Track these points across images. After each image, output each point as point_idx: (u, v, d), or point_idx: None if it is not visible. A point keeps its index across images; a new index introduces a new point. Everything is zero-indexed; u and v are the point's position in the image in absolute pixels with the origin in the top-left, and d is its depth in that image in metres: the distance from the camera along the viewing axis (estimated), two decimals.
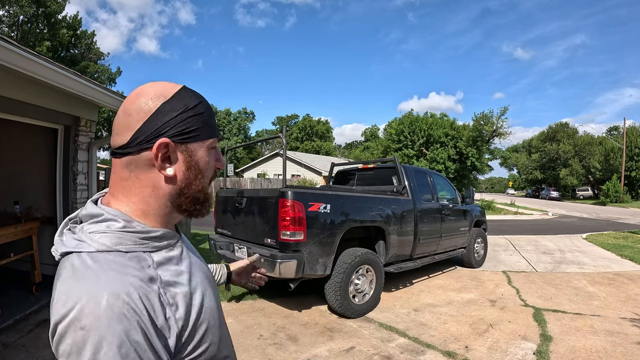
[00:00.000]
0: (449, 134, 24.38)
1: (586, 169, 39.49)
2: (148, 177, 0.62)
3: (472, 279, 5.72)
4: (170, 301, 0.58)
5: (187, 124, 0.63)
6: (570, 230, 12.52)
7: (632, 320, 3.89)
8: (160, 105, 0.62)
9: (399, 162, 5.17)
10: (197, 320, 0.62)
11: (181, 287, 0.61)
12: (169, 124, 0.61)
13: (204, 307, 0.64)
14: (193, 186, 0.65)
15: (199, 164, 0.65)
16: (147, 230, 0.62)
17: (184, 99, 0.64)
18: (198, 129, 0.64)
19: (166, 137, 0.61)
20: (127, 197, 0.63)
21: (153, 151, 0.60)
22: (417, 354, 3.13)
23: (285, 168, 3.86)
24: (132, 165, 0.62)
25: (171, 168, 0.63)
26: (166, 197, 0.64)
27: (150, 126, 0.61)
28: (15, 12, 23.47)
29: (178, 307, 0.59)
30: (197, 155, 0.65)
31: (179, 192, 0.64)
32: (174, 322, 0.57)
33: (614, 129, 56.89)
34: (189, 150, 0.64)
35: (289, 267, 3.54)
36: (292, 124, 58.35)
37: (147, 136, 0.60)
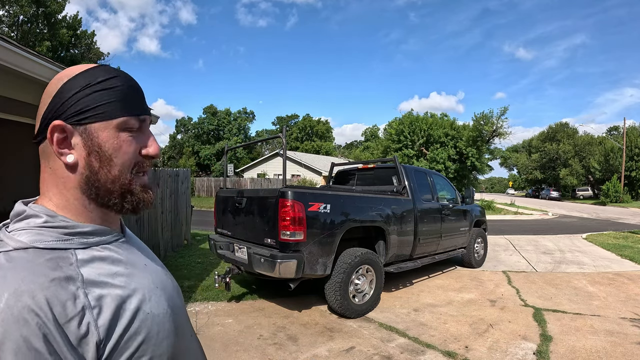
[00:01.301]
0: (449, 134, 24.38)
1: (586, 169, 39.49)
2: (59, 166, 0.56)
3: (472, 279, 5.72)
4: (92, 304, 0.50)
5: (87, 101, 0.55)
6: (570, 230, 12.52)
7: (632, 320, 3.89)
8: (62, 85, 0.55)
9: (399, 162, 5.17)
10: (129, 328, 0.52)
11: (111, 288, 0.53)
12: (67, 104, 0.55)
13: (142, 313, 0.55)
14: (100, 175, 0.56)
15: (102, 147, 0.56)
16: (72, 225, 0.55)
17: (90, 76, 0.56)
18: (101, 106, 0.56)
19: (61, 118, 0.54)
20: (48, 191, 0.57)
21: (48, 136, 0.54)
22: (417, 354, 3.12)
23: (285, 168, 3.86)
24: (44, 155, 0.57)
25: (71, 154, 0.55)
26: (77, 188, 0.57)
27: (51, 108, 0.55)
28: (15, 12, 23.47)
29: (102, 311, 0.50)
30: (100, 138, 0.56)
31: (86, 182, 0.56)
32: (94, 328, 0.49)
33: (614, 129, 56.89)
34: (88, 131, 0.55)
35: (289, 267, 3.54)
36: (292, 124, 58.34)
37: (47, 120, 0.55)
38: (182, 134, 52.24)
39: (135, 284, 0.57)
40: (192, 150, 47.94)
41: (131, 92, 0.59)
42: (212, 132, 48.41)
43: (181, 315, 0.64)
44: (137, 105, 0.60)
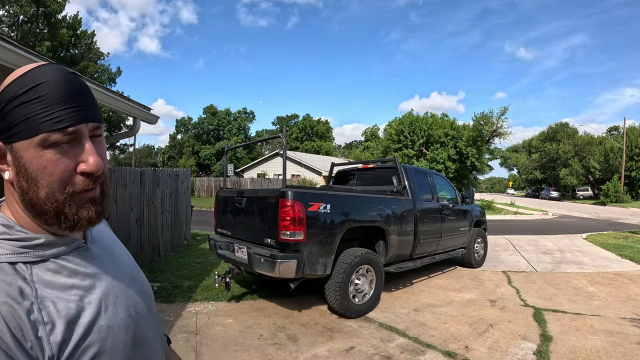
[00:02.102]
0: (449, 134, 24.37)
1: (586, 169, 39.48)
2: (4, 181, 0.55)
3: (472, 279, 5.72)
4: (45, 319, 0.49)
5: (10, 117, 0.51)
6: (570, 230, 12.52)
7: (632, 320, 3.89)
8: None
9: (399, 162, 5.17)
10: (82, 343, 0.52)
11: (65, 302, 0.52)
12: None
13: (97, 326, 0.54)
14: (30, 195, 0.53)
15: (26, 167, 0.52)
16: (27, 238, 0.54)
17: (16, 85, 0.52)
18: (21, 123, 0.51)
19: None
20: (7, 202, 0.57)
21: None
22: (417, 354, 3.12)
23: (285, 168, 3.86)
24: None
25: (7, 172, 0.54)
26: (20, 202, 0.55)
27: None
28: (15, 12, 23.47)
29: (55, 326, 0.50)
30: (25, 157, 0.52)
31: (22, 199, 0.54)
32: (46, 343, 0.49)
33: (614, 129, 56.88)
34: (16, 150, 0.52)
35: (289, 267, 3.54)
36: (292, 124, 58.33)
37: None
38: (182, 134, 52.24)
39: (90, 297, 0.56)
40: (192, 150, 47.94)
41: (60, 100, 0.52)
42: (212, 132, 48.41)
43: (144, 321, 0.64)
44: (65, 116, 0.52)
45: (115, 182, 5.42)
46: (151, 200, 6.42)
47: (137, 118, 4.46)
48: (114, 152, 43.23)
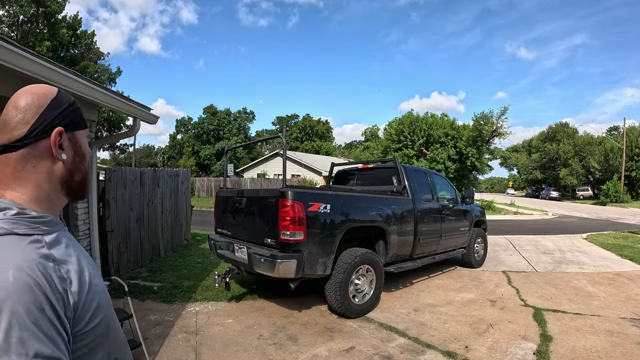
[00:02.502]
0: (449, 134, 24.36)
1: (586, 169, 39.48)
2: (44, 164, 0.71)
3: (472, 279, 5.72)
4: (65, 276, 0.64)
5: (72, 115, 0.75)
6: (570, 230, 12.52)
7: (632, 320, 3.89)
8: (50, 102, 0.72)
9: (399, 162, 5.17)
10: (89, 295, 0.68)
11: (72, 265, 0.67)
12: (60, 116, 0.72)
13: (93, 284, 0.70)
14: (80, 168, 0.77)
15: (82, 148, 0.77)
16: (38, 216, 0.68)
17: (65, 97, 0.75)
18: (81, 120, 0.77)
19: (60, 126, 0.72)
20: (21, 187, 0.69)
21: (52, 139, 0.70)
22: (417, 354, 3.12)
23: (285, 168, 3.86)
24: (28, 156, 0.69)
25: (64, 153, 0.73)
26: (58, 180, 0.73)
27: (44, 118, 0.70)
28: (15, 12, 23.46)
29: (72, 281, 0.65)
30: (81, 141, 0.77)
31: (69, 174, 0.74)
32: (70, 294, 0.63)
33: (614, 129, 56.87)
34: (76, 137, 0.76)
35: (289, 267, 3.54)
36: (292, 124, 58.32)
37: (44, 127, 0.70)
38: (182, 134, 52.23)
39: (83, 263, 0.71)
40: (192, 150, 47.93)
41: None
42: (212, 132, 48.40)
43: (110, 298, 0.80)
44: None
45: (115, 182, 5.42)
46: (151, 200, 6.42)
47: (137, 118, 4.46)
48: (114, 152, 43.20)
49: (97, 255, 4.65)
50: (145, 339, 3.10)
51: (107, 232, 5.15)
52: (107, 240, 5.15)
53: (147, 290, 4.70)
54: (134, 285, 4.83)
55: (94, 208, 4.58)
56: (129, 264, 5.67)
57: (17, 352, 0.54)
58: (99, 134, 24.65)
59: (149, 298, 4.41)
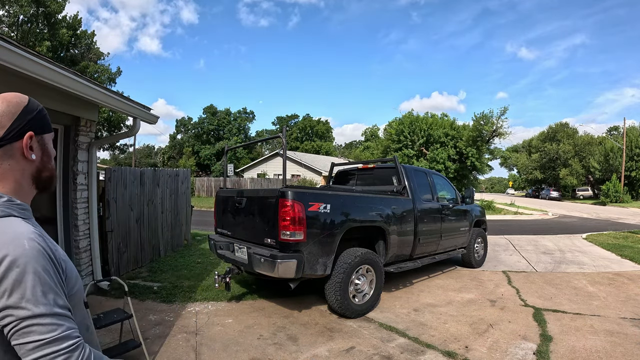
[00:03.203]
0: (449, 134, 24.36)
1: (586, 169, 39.46)
2: (18, 162, 0.84)
3: (472, 279, 5.72)
4: (54, 246, 0.81)
5: (41, 121, 0.88)
6: (570, 230, 12.52)
7: (632, 320, 3.89)
8: (23, 109, 0.85)
9: (399, 162, 5.17)
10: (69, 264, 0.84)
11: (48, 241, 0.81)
12: (31, 122, 0.86)
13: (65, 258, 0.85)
14: (48, 166, 0.90)
15: (48, 149, 0.91)
16: (22, 204, 0.84)
17: (35, 104, 0.89)
18: (48, 125, 0.91)
19: (31, 130, 0.85)
20: (2, 181, 0.83)
21: (24, 141, 0.83)
22: (417, 354, 3.12)
23: (285, 168, 3.86)
24: (5, 156, 0.82)
25: (34, 154, 0.86)
26: (30, 177, 0.87)
27: (18, 123, 0.83)
28: (15, 12, 23.46)
29: (59, 251, 0.82)
30: (48, 144, 0.91)
31: (38, 172, 0.88)
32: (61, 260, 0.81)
33: (614, 129, 56.86)
34: (44, 139, 0.89)
35: (289, 267, 3.54)
36: (292, 124, 58.31)
37: (17, 131, 0.83)
38: (182, 134, 52.23)
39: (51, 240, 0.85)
40: (192, 150, 47.92)
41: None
42: (212, 132, 48.40)
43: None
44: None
45: (115, 182, 5.42)
46: (151, 200, 6.42)
47: (137, 118, 4.46)
48: (114, 152, 43.20)
49: (97, 255, 4.65)
50: (145, 339, 3.10)
51: (107, 232, 5.14)
52: (107, 240, 5.15)
53: (147, 290, 4.70)
54: (134, 285, 4.83)
55: (94, 208, 4.58)
56: (129, 264, 5.67)
57: (43, 302, 0.71)
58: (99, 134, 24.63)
59: (149, 298, 4.41)
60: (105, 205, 5.20)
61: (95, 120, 4.60)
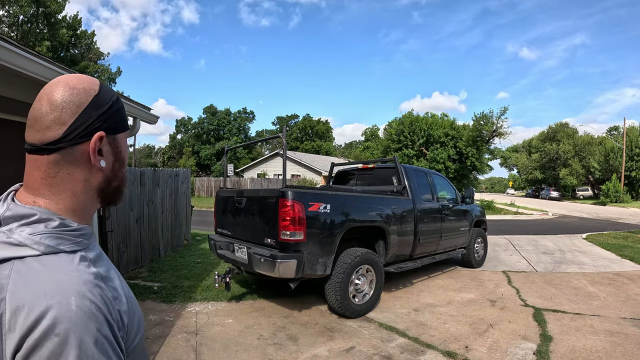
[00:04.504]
0: (449, 134, 24.36)
1: (586, 169, 39.45)
2: (80, 171, 0.61)
3: (472, 279, 5.72)
4: (116, 295, 0.58)
5: (115, 117, 0.65)
6: (570, 230, 12.52)
7: (632, 320, 3.89)
8: (92, 99, 0.61)
9: (399, 162, 5.17)
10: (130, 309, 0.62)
11: (114, 281, 0.61)
12: (102, 118, 0.62)
13: (130, 296, 0.65)
14: (119, 175, 0.67)
15: (122, 153, 0.67)
16: (79, 228, 0.60)
17: (108, 93, 0.65)
18: (123, 121, 0.67)
19: (102, 129, 0.62)
20: (55, 195, 0.60)
21: (91, 145, 0.60)
22: (417, 354, 3.12)
23: (285, 168, 3.86)
24: (62, 161, 0.59)
25: (104, 160, 0.63)
26: (95, 189, 0.64)
27: (84, 120, 0.60)
28: (15, 12, 23.47)
29: (121, 299, 0.59)
30: (122, 146, 0.67)
31: (107, 182, 0.65)
32: (122, 314, 0.58)
33: (614, 129, 56.86)
34: (117, 141, 0.66)
35: (289, 267, 3.54)
36: (292, 124, 58.32)
37: (83, 130, 0.59)
38: (182, 134, 52.22)
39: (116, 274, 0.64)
40: (192, 150, 47.91)
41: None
42: (212, 132, 48.39)
43: None
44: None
45: None
46: (151, 200, 6.42)
47: (137, 118, 4.46)
48: None
49: None
50: (145, 339, 3.09)
51: (107, 232, 5.15)
52: (107, 240, 5.15)
53: (147, 290, 4.70)
54: (134, 285, 4.83)
55: None
56: (129, 264, 5.67)
57: None
58: None
59: (149, 298, 4.41)
60: None
61: None
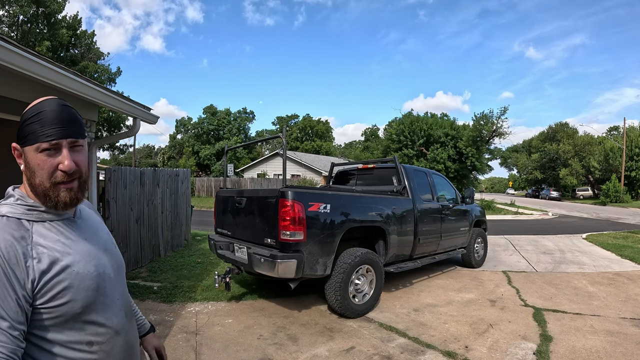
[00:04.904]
0: (449, 134, 24.36)
1: (586, 169, 39.44)
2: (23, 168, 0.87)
3: (472, 279, 5.72)
4: (34, 254, 0.80)
5: (24, 131, 0.85)
6: (570, 230, 12.52)
7: (632, 320, 3.89)
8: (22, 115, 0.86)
9: (399, 162, 5.17)
10: (56, 276, 0.81)
11: (51, 248, 0.83)
12: (19, 131, 0.85)
13: (69, 269, 0.83)
14: (30, 181, 0.86)
15: (29, 163, 0.85)
16: (34, 204, 0.86)
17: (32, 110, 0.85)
18: (28, 135, 0.84)
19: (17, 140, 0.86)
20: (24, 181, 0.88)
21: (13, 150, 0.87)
22: (417, 354, 3.12)
23: (285, 168, 3.86)
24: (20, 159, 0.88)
25: (21, 163, 0.87)
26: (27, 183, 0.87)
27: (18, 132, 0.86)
28: (15, 12, 23.46)
29: (41, 260, 0.80)
30: (28, 157, 0.85)
31: (29, 182, 0.87)
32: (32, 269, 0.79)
33: (614, 129, 56.84)
34: (25, 152, 0.86)
35: (289, 267, 3.54)
36: (292, 124, 58.29)
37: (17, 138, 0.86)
38: (182, 134, 52.20)
39: (69, 250, 0.86)
40: (192, 150, 47.88)
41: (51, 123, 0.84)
42: (212, 132, 48.36)
43: (109, 281, 0.93)
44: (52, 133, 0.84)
45: (115, 182, 5.41)
46: (151, 200, 6.42)
47: (137, 118, 4.45)
48: (114, 152, 43.19)
49: None
50: None
51: None
52: None
53: (147, 290, 4.70)
54: (134, 285, 4.83)
55: None
56: (129, 264, 5.66)
57: None
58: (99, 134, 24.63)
59: (149, 298, 4.41)
60: (105, 205, 5.20)
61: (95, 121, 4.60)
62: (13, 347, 0.75)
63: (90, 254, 0.90)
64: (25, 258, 0.78)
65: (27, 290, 0.77)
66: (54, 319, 0.81)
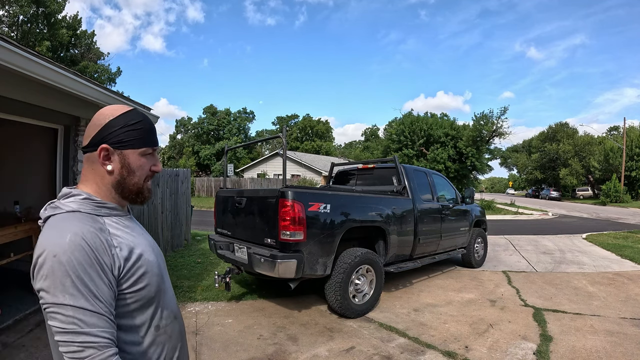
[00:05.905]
0: (449, 134, 24.37)
1: (586, 169, 39.44)
2: (98, 169, 0.92)
3: (472, 279, 5.72)
4: (115, 244, 0.87)
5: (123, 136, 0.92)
6: (570, 230, 12.52)
7: (632, 320, 3.89)
8: (108, 121, 0.92)
9: (399, 162, 5.17)
10: (136, 263, 0.89)
11: (125, 238, 0.90)
12: (111, 135, 0.91)
13: (143, 257, 0.91)
14: (128, 180, 0.94)
15: (131, 164, 0.94)
16: (101, 202, 0.92)
17: (125, 118, 0.93)
18: (132, 140, 0.94)
19: (107, 143, 0.91)
20: (87, 181, 0.94)
21: (97, 152, 0.91)
22: (417, 354, 3.12)
23: (285, 168, 3.86)
24: (89, 161, 0.93)
25: (110, 165, 0.92)
26: (109, 184, 0.94)
27: (99, 135, 0.91)
28: (15, 12, 23.47)
29: (122, 249, 0.87)
30: (130, 159, 0.94)
31: (117, 182, 0.94)
32: (117, 257, 0.85)
33: (614, 129, 56.85)
34: (124, 154, 0.93)
35: (289, 267, 3.54)
36: (292, 124, 58.30)
37: (97, 142, 0.91)
38: (182, 134, 52.21)
39: (137, 241, 0.93)
40: (192, 150, 47.90)
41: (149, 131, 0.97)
42: (212, 132, 48.37)
43: (163, 267, 1.02)
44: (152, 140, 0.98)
45: None
46: (151, 200, 6.42)
47: None
48: None
49: None
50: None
51: None
52: None
53: None
54: None
55: None
56: None
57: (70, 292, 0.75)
58: None
59: None
60: None
61: None
62: (112, 331, 0.80)
63: (149, 245, 0.99)
64: (110, 246, 0.84)
65: (114, 276, 0.83)
66: (134, 303, 0.88)
